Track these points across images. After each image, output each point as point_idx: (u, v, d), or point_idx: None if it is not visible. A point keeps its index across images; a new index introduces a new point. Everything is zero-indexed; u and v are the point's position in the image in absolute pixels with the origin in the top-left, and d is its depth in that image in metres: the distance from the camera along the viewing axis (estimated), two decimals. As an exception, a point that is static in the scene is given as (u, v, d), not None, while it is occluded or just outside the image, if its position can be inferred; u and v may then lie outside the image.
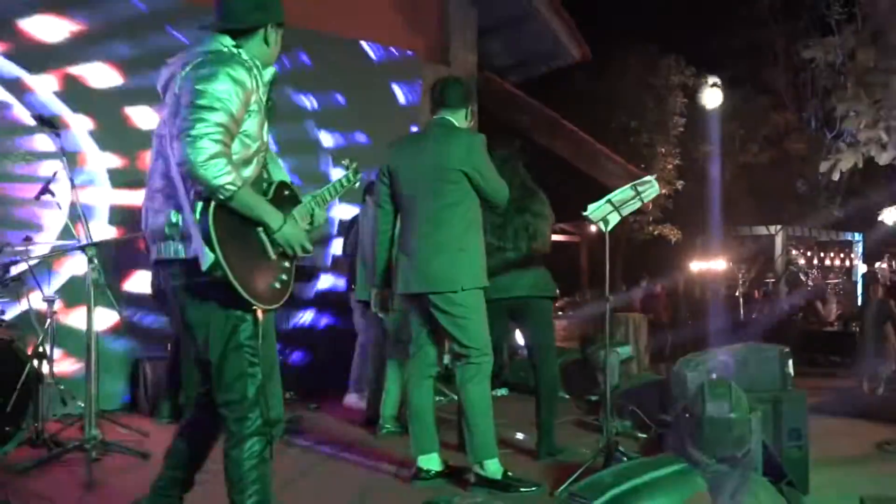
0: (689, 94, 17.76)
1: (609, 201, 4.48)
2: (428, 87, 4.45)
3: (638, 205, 4.64)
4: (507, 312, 4.74)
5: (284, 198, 2.74)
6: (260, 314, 2.65)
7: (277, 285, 2.67)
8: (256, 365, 2.61)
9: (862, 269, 22.98)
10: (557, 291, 4.97)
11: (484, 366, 3.95)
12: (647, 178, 4.67)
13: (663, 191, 15.02)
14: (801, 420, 4.94)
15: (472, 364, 3.93)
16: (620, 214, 4.56)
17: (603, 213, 4.47)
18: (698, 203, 17.40)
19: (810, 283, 21.92)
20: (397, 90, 8.09)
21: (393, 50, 8.04)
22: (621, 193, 4.51)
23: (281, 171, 2.88)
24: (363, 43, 7.87)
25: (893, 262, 19.65)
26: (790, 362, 5.12)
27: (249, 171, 2.59)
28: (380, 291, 4.21)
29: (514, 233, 4.68)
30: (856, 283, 21.40)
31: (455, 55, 8.31)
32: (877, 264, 22.56)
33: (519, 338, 7.01)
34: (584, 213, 4.49)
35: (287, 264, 2.72)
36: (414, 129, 7.60)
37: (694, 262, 16.94)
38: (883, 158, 8.56)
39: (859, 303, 16.17)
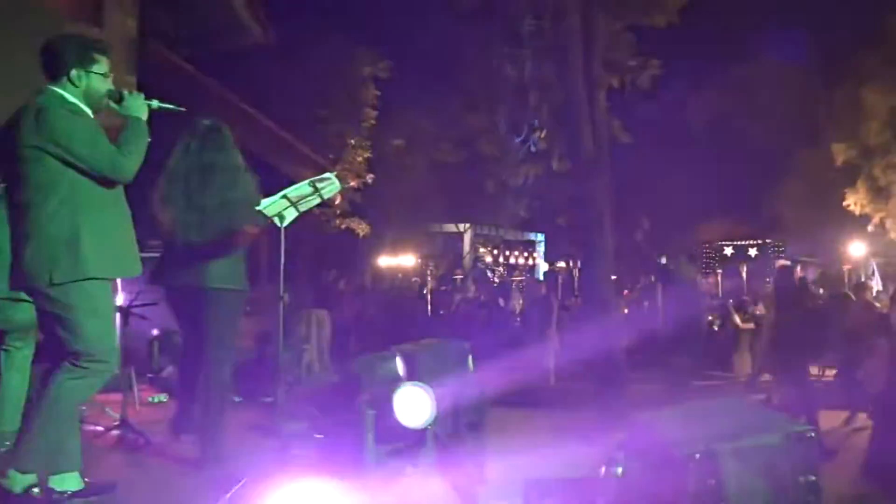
0: (382, 86, 18.31)
1: (285, 196, 4.50)
2: None
3: (317, 201, 4.72)
4: (187, 302, 4.57)
5: None
6: None
7: None
8: None
9: (543, 267, 25.46)
10: (247, 286, 4.79)
11: (95, 371, 3.62)
12: (327, 174, 4.79)
13: (353, 183, 15.33)
14: (479, 411, 5.28)
15: (79, 367, 3.59)
16: (298, 210, 4.61)
17: (278, 209, 4.49)
18: (389, 197, 18.02)
19: (496, 279, 23.84)
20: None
21: (27, 3, 7.16)
22: (298, 189, 4.57)
23: None
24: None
25: (570, 262, 22.00)
26: (470, 357, 5.45)
27: None
28: None
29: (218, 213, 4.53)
30: (538, 280, 23.58)
31: (110, 17, 7.66)
32: (558, 263, 25.17)
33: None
34: (258, 208, 4.46)
35: None
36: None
37: (383, 257, 17.53)
38: (557, 167, 9.54)
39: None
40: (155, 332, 7.62)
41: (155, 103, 3.86)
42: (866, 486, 5.94)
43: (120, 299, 6.15)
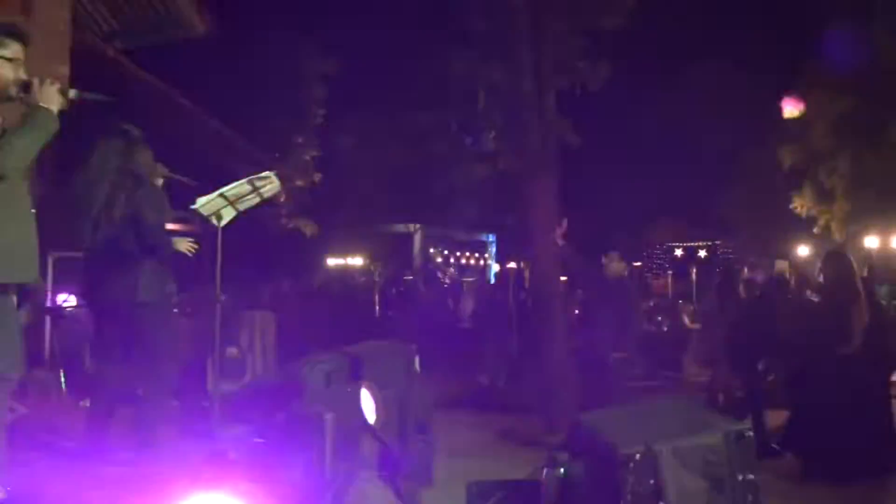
0: (331, 84, 18.19)
1: (222, 195, 4.48)
2: None
3: (256, 200, 4.68)
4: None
5: None
6: None
7: None
8: None
9: (495, 268, 25.51)
10: (173, 291, 4.73)
11: None
12: (266, 173, 4.75)
13: (299, 182, 15.21)
14: (426, 414, 5.28)
15: None
16: (236, 209, 4.57)
17: (215, 208, 4.45)
18: (338, 197, 17.95)
19: (447, 280, 23.82)
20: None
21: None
22: (236, 188, 4.54)
23: None
24: None
25: (522, 263, 22.06)
26: (416, 359, 5.44)
27: None
28: None
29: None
30: (489, 282, 23.67)
31: (39, 6, 7.39)
32: (508, 264, 25.26)
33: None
34: (193, 207, 4.43)
35: None
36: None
37: (331, 258, 17.42)
38: (504, 166, 9.55)
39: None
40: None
41: (73, 93, 3.62)
42: (807, 481, 6.07)
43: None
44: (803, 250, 17.97)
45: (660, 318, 14.48)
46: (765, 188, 20.99)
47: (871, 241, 15.72)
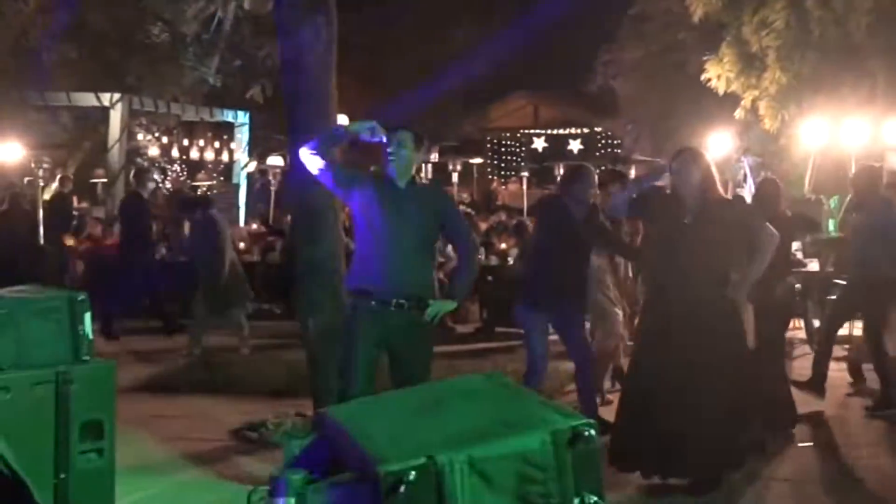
0: None
1: None
2: None
3: None
4: None
5: None
6: None
7: None
8: None
9: (246, 163, 25.26)
10: None
11: None
12: None
13: None
14: (104, 408, 5.12)
15: None
16: None
17: None
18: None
19: (167, 185, 23.28)
20: None
21: None
22: None
23: None
24: None
25: (284, 158, 21.98)
26: (87, 317, 5.24)
27: None
28: None
29: None
30: (237, 186, 23.48)
31: None
32: (269, 159, 25.05)
33: None
34: None
35: None
36: None
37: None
38: (252, 5, 9.33)
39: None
40: None
41: None
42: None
43: None
44: (723, 142, 18.53)
45: (504, 246, 14.85)
46: (665, 50, 21.55)
47: (816, 131, 16.33)
